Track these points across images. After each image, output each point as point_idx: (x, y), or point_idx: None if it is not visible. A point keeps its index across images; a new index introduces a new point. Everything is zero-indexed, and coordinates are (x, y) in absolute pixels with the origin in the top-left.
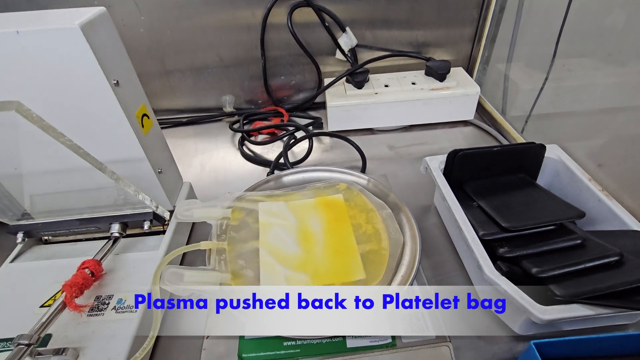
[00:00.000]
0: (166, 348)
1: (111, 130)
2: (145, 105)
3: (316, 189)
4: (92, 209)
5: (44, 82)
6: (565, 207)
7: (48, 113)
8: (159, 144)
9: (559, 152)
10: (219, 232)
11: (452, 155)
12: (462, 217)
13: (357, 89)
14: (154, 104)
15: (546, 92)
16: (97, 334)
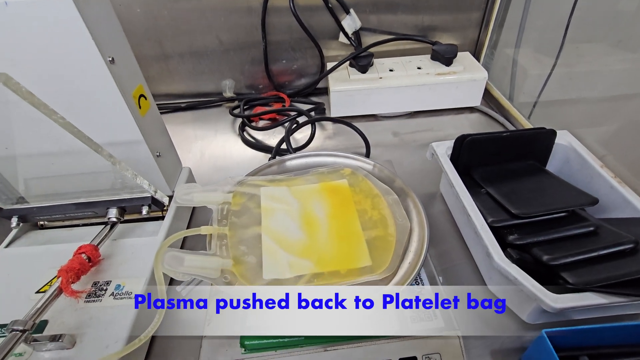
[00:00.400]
0: (162, 346)
1: (107, 110)
2: (143, 85)
3: (320, 174)
4: (89, 193)
5: (35, 57)
6: (577, 194)
7: (40, 90)
8: (157, 127)
9: (570, 138)
10: (220, 217)
11: (460, 141)
12: (471, 203)
13: (361, 73)
14: (151, 89)
15: (555, 77)
16: (95, 320)
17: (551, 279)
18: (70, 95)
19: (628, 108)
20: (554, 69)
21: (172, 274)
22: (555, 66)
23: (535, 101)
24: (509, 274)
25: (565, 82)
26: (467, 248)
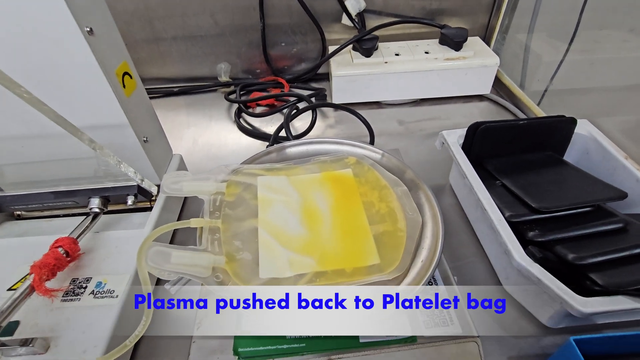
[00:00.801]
0: (150, 346)
1: (86, 89)
2: (128, 63)
3: (322, 162)
4: (69, 181)
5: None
6: (603, 187)
7: (5, 63)
8: (144, 109)
9: (590, 127)
10: (212, 209)
11: (473, 129)
12: (486, 196)
13: (365, 57)
14: (142, 72)
15: (571, 64)
16: (72, 322)
17: (576, 280)
18: (44, 70)
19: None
20: (567, 55)
21: (156, 272)
22: (570, 52)
23: (549, 89)
24: (530, 275)
25: (582, 69)
26: (479, 244)
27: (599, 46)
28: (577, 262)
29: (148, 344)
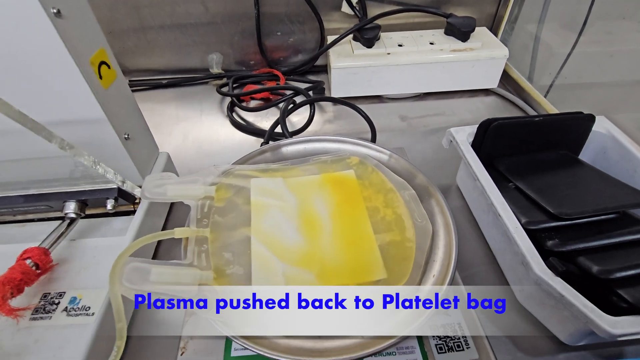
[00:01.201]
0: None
1: (56, 80)
2: (106, 50)
3: (322, 163)
4: (40, 183)
5: None
6: (628, 191)
7: None
8: (125, 103)
9: (608, 124)
10: (200, 216)
11: (485, 126)
12: (501, 201)
13: (367, 48)
14: (127, 63)
15: (585, 56)
16: (41, 344)
17: (602, 296)
18: (4, 60)
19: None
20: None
21: (131, 294)
22: (583, 43)
23: (561, 83)
24: (552, 289)
25: (598, 61)
26: (490, 252)
27: (613, 37)
28: (603, 277)
29: (136, 344)
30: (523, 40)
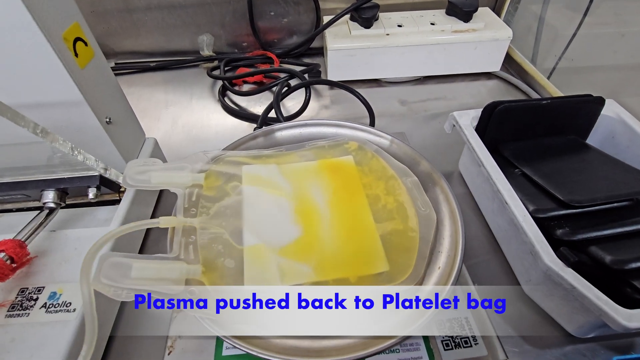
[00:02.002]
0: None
1: (26, 57)
2: (80, 25)
3: (319, 148)
4: (16, 171)
5: None
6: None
7: None
8: (105, 84)
9: (618, 108)
10: (187, 205)
11: (490, 110)
12: (507, 187)
13: (365, 28)
14: (113, 45)
15: (591, 38)
16: (18, 343)
17: (615, 287)
18: None
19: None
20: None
21: (110, 292)
22: (589, 25)
23: (566, 65)
24: (563, 280)
25: (604, 43)
26: (495, 241)
27: (620, 19)
28: (617, 267)
29: (122, 343)
30: (527, 21)
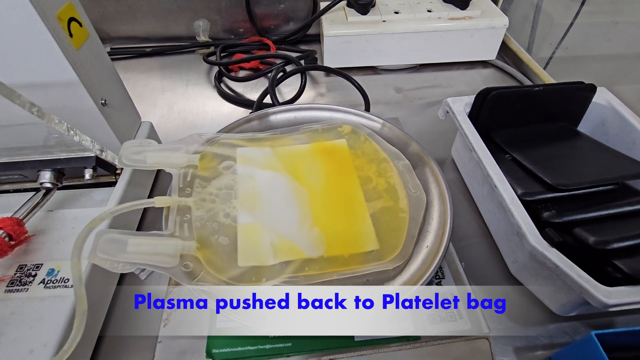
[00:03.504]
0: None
1: (20, 36)
2: (74, 5)
3: (312, 131)
4: (12, 151)
5: None
6: (627, 162)
7: None
8: (100, 65)
9: (609, 95)
10: (182, 185)
11: (482, 96)
12: (497, 171)
13: (361, 14)
14: (110, 30)
15: (586, 27)
16: (18, 316)
17: (597, 267)
18: None
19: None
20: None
21: (107, 264)
22: (584, 14)
23: (561, 55)
24: (547, 260)
25: (599, 32)
26: (484, 224)
27: (615, 7)
28: (600, 247)
29: (111, 343)
30: (523, 9)
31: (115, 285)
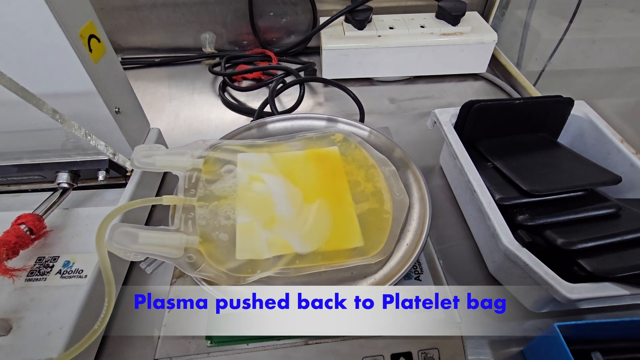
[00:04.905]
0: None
1: (46, 52)
2: (94, 24)
3: (307, 139)
4: (34, 154)
5: None
6: (597, 171)
7: None
8: (115, 77)
9: (587, 109)
10: (188, 186)
11: (467, 108)
12: (477, 178)
13: (358, 30)
14: (120, 40)
15: (571, 43)
16: (37, 302)
17: (564, 266)
18: None
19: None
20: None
21: (121, 253)
22: (570, 31)
23: (546, 69)
24: (518, 259)
25: (581, 48)
26: (467, 227)
27: (599, 25)
28: (566, 248)
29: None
30: (513, 26)
31: (121, 285)
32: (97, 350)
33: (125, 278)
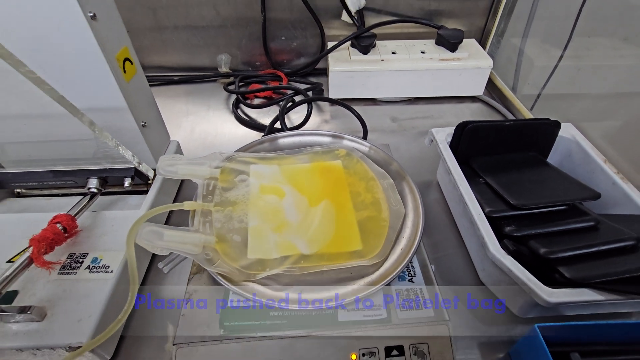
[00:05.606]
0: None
1: (88, 72)
2: (128, 48)
3: (313, 153)
4: (68, 161)
5: (6, 9)
6: (579, 188)
7: (11, 46)
8: (143, 95)
9: (574, 131)
10: (205, 193)
11: (461, 128)
12: (468, 192)
13: (363, 54)
14: (143, 60)
15: (562, 70)
16: (68, 293)
17: (547, 273)
18: (47, 54)
19: (634, 104)
20: (561, 60)
21: (149, 247)
22: (562, 58)
23: (540, 93)
24: (503, 266)
25: (572, 75)
26: (461, 238)
27: (589, 53)
28: (548, 256)
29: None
30: (508, 52)
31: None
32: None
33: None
